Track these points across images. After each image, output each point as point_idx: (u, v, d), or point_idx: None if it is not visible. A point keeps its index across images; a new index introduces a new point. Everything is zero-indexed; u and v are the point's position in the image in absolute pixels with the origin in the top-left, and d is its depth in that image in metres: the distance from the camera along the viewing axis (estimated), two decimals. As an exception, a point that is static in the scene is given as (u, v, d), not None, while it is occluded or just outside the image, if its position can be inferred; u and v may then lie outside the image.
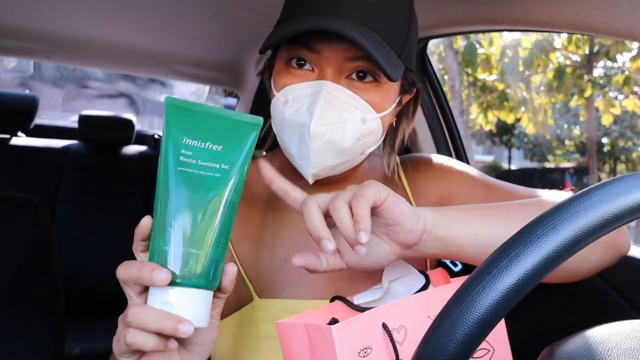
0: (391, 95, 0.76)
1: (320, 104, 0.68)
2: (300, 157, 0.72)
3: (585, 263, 0.76)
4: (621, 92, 6.95)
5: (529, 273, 0.38)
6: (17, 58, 3.73)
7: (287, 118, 0.72)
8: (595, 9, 0.88)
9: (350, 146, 0.71)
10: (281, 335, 0.66)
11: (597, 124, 9.84)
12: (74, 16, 1.85)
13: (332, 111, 0.69)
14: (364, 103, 0.72)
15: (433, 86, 1.67)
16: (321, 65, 0.72)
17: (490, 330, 0.38)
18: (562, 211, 0.40)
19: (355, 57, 0.70)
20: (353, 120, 0.70)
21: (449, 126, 1.69)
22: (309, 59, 0.72)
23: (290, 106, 0.72)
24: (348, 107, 0.70)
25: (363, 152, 0.75)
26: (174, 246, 0.53)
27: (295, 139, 0.71)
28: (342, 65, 0.71)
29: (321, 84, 0.70)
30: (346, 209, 0.59)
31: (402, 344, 0.61)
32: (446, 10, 1.26)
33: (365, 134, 0.72)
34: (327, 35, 0.69)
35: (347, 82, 0.72)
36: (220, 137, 0.56)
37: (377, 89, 0.73)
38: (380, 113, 0.73)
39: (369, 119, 0.72)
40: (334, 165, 0.73)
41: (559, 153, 13.01)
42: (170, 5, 1.68)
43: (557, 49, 6.87)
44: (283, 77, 0.74)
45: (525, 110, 7.83)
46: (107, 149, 2.58)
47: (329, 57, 0.71)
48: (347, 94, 0.71)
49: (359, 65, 0.71)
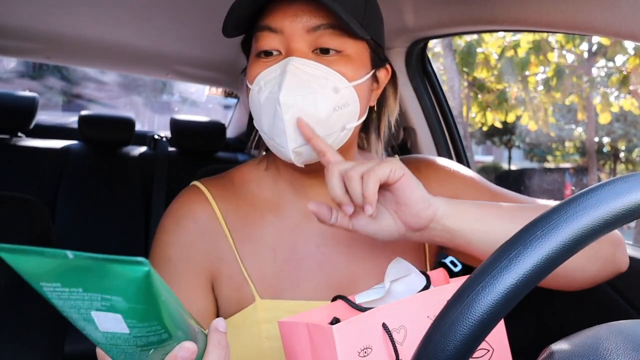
0: (361, 66, 0.75)
1: (287, 77, 0.69)
2: (278, 135, 0.71)
3: (583, 274, 0.77)
4: (619, 91, 6.94)
5: (529, 273, 0.38)
6: (17, 58, 3.73)
7: (262, 102, 0.73)
8: (595, 9, 0.88)
9: (326, 117, 0.71)
10: (283, 334, 0.66)
11: (599, 123, 9.84)
12: (75, 16, 1.85)
13: (302, 83, 0.70)
14: (333, 72, 0.72)
15: (433, 86, 1.67)
16: (286, 43, 0.73)
17: (490, 331, 0.38)
18: (561, 211, 0.40)
19: (316, 26, 0.72)
20: (324, 91, 0.71)
21: (449, 126, 1.69)
22: (275, 43, 0.73)
23: (263, 91, 0.72)
24: (317, 79, 0.71)
25: (344, 126, 0.74)
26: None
27: (272, 117, 0.71)
28: (306, 39, 0.72)
29: (287, 60, 0.71)
30: (358, 180, 0.65)
31: (402, 344, 0.61)
32: (446, 11, 1.26)
33: (340, 104, 0.72)
34: (285, 10, 0.72)
35: (315, 56, 0.73)
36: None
37: (345, 59, 0.73)
38: (352, 82, 0.73)
39: (341, 88, 0.72)
40: None
41: (558, 154, 13.01)
42: (170, 5, 1.68)
43: (555, 48, 6.87)
44: (254, 68, 0.75)
45: (524, 109, 7.82)
46: (107, 149, 2.58)
47: (291, 33, 0.72)
48: (314, 66, 0.71)
49: (321, 34, 0.72)
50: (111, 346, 0.47)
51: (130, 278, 0.42)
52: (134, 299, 0.43)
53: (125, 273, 0.42)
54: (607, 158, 12.36)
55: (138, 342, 0.46)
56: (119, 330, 0.45)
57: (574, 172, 11.66)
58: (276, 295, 0.78)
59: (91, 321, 0.45)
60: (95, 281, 0.42)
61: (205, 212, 0.82)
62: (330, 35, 0.72)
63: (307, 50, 0.73)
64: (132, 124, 2.60)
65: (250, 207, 0.83)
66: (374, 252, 0.82)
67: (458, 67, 7.28)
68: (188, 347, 0.48)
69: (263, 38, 0.74)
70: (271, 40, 0.73)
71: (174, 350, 0.48)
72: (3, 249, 0.42)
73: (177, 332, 0.48)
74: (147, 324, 0.45)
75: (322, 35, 0.72)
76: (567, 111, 11.16)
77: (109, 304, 0.43)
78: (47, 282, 0.43)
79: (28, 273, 0.43)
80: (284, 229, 0.82)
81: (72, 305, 0.44)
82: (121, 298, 0.43)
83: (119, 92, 5.51)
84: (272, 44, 0.73)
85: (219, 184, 0.86)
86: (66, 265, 0.42)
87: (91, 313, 0.44)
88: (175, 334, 0.48)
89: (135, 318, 0.44)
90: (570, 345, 0.42)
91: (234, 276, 0.79)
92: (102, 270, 0.42)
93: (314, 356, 0.61)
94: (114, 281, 0.42)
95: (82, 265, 0.42)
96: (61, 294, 0.44)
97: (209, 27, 1.86)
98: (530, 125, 7.87)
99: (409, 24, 1.40)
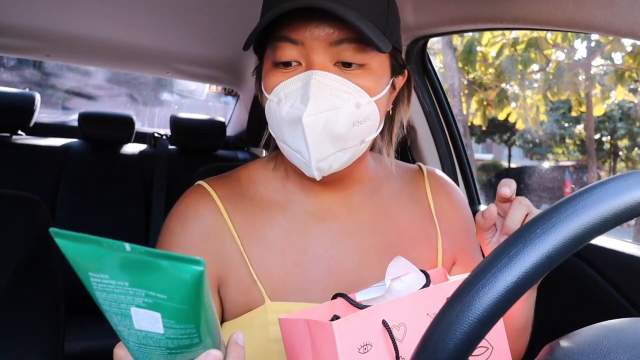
0: (382, 77, 0.74)
1: (312, 92, 0.68)
2: (299, 151, 0.71)
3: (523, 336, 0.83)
4: (614, 87, 6.94)
5: (529, 272, 0.38)
6: (17, 56, 3.72)
7: (284, 116, 0.71)
8: (595, 7, 0.88)
9: (344, 133, 0.70)
10: (284, 330, 0.66)
11: (602, 121, 9.82)
12: (74, 15, 1.85)
13: (325, 98, 0.68)
14: (356, 88, 0.71)
15: (433, 84, 1.67)
16: (307, 56, 0.71)
17: (490, 329, 0.38)
18: (561, 210, 0.40)
19: (339, 40, 0.70)
20: (346, 105, 0.70)
21: (449, 124, 1.69)
22: (294, 54, 0.71)
23: (284, 104, 0.71)
24: (340, 94, 0.69)
25: (363, 139, 0.74)
26: None
27: (293, 133, 0.70)
28: (328, 52, 0.70)
29: (309, 73, 0.69)
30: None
31: (402, 341, 0.61)
32: (446, 9, 1.26)
33: (360, 119, 0.71)
34: (307, 22, 0.69)
35: (337, 70, 0.71)
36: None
37: (367, 72, 0.72)
38: (374, 97, 0.72)
39: (363, 104, 0.71)
40: (334, 153, 0.72)
41: (558, 151, 13.00)
42: (171, 3, 1.68)
43: (553, 46, 6.86)
44: (272, 78, 0.73)
45: (515, 106, 7.81)
46: (107, 147, 2.58)
47: (313, 46, 0.70)
48: (337, 80, 0.70)
49: (344, 49, 0.70)
50: (140, 346, 0.47)
51: (183, 277, 0.42)
52: (179, 298, 0.43)
53: (178, 271, 0.42)
54: (607, 156, 12.35)
55: (169, 344, 0.46)
56: (153, 329, 0.45)
57: (573, 170, 11.65)
58: (285, 297, 0.77)
59: (128, 317, 0.45)
60: (144, 277, 0.42)
61: (212, 213, 0.80)
62: (354, 50, 0.70)
63: (329, 63, 0.71)
64: (132, 122, 2.60)
65: (257, 208, 0.82)
66: (383, 256, 0.81)
67: (457, 65, 7.27)
68: (215, 355, 0.48)
69: (282, 49, 0.71)
70: (290, 52, 0.71)
71: (201, 357, 0.48)
72: (59, 234, 0.43)
73: (206, 339, 0.48)
74: (183, 326, 0.45)
75: (345, 49, 0.70)
76: (567, 109, 11.16)
77: (152, 302, 0.43)
78: (95, 272, 0.43)
79: (79, 261, 0.43)
80: (293, 230, 0.81)
81: (113, 299, 0.44)
82: (166, 296, 0.43)
83: (119, 90, 5.51)
84: (292, 55, 0.71)
85: (225, 184, 0.84)
86: (120, 258, 0.42)
87: (131, 309, 0.44)
88: (204, 341, 0.47)
89: (175, 319, 0.44)
90: (571, 343, 0.42)
91: (242, 278, 0.78)
92: (155, 266, 0.42)
93: (315, 353, 0.61)
94: (164, 278, 0.42)
95: (136, 259, 0.42)
96: (107, 286, 0.44)
97: (209, 25, 1.86)
98: (518, 124, 7.86)
99: (409, 22, 1.40)
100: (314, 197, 0.82)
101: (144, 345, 0.46)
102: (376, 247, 0.82)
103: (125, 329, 0.46)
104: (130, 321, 0.45)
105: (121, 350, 0.52)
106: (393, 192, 0.88)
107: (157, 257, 0.41)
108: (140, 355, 0.48)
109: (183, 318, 0.44)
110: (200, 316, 0.45)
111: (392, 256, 0.80)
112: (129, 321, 0.45)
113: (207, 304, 0.45)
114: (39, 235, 1.06)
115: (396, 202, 0.87)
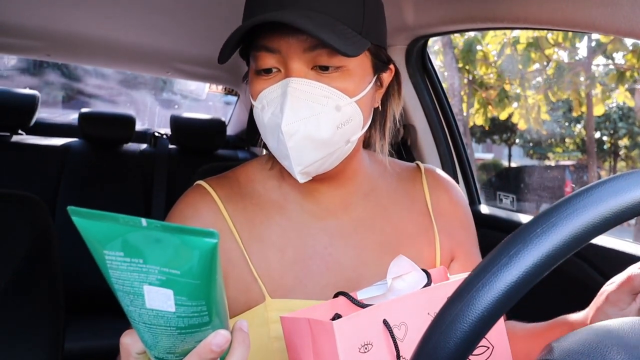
0: (364, 77, 0.75)
1: (288, 101, 0.69)
2: (282, 158, 0.73)
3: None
4: (616, 87, 6.94)
5: (529, 271, 0.38)
6: (18, 56, 3.72)
7: (266, 123, 0.73)
8: (595, 6, 0.88)
9: (329, 137, 0.71)
10: (285, 329, 0.66)
11: (603, 121, 9.80)
12: (75, 14, 1.85)
13: (303, 106, 0.70)
14: (334, 91, 0.71)
15: (433, 84, 1.67)
16: (284, 63, 0.72)
17: (490, 328, 0.38)
18: (561, 209, 0.40)
19: (313, 45, 0.70)
20: (326, 110, 0.70)
21: (449, 124, 1.69)
22: (273, 62, 0.73)
23: (266, 111, 0.73)
24: (318, 98, 0.70)
25: (348, 139, 0.74)
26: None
27: (275, 140, 0.72)
28: (303, 57, 0.71)
29: (287, 81, 0.71)
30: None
31: (403, 341, 0.61)
32: (446, 8, 1.26)
33: (342, 121, 0.72)
34: (281, 31, 0.70)
35: (314, 74, 0.72)
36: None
37: (345, 74, 0.72)
38: (354, 97, 0.73)
39: (342, 106, 0.72)
40: (318, 160, 0.73)
41: (559, 151, 12.99)
42: (171, 3, 1.68)
43: (553, 45, 6.86)
44: (256, 85, 0.74)
45: (517, 106, 7.81)
46: (107, 146, 2.58)
47: (288, 53, 0.71)
48: (314, 86, 0.71)
49: (319, 53, 0.71)
50: (149, 327, 0.47)
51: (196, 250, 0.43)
52: (192, 273, 0.44)
53: (192, 244, 0.43)
54: (607, 155, 12.35)
55: (179, 324, 0.47)
56: (165, 308, 0.45)
57: (574, 169, 11.65)
58: (285, 294, 0.78)
59: (140, 296, 0.45)
60: (159, 252, 0.43)
61: (212, 212, 0.81)
62: (327, 54, 0.71)
63: (306, 68, 0.72)
64: (132, 121, 2.60)
65: (256, 207, 0.83)
66: (381, 253, 0.82)
67: (457, 65, 7.27)
68: (223, 335, 0.48)
69: (261, 58, 0.73)
70: (269, 60, 0.73)
71: (209, 337, 0.48)
72: (76, 212, 0.44)
73: (215, 319, 0.48)
74: (195, 303, 0.45)
75: (319, 54, 0.71)
76: (567, 109, 11.16)
77: (165, 278, 0.44)
78: (110, 250, 0.44)
79: (95, 239, 0.45)
80: (291, 229, 0.82)
81: (127, 277, 0.45)
82: (180, 272, 0.44)
83: (120, 90, 5.51)
84: (271, 63, 0.73)
85: (225, 184, 0.85)
86: (136, 233, 0.43)
87: (143, 287, 0.45)
88: (213, 320, 0.48)
89: (186, 295, 0.45)
90: (571, 342, 0.42)
91: (243, 276, 0.79)
92: (170, 240, 0.43)
93: (315, 351, 0.61)
94: (178, 253, 0.43)
95: (151, 235, 0.43)
96: (121, 264, 0.44)
97: (209, 24, 1.86)
98: (520, 124, 7.86)
99: (409, 22, 1.40)
100: (310, 197, 0.83)
101: (154, 325, 0.47)
102: (374, 244, 0.83)
103: (136, 309, 0.46)
104: (142, 300, 0.45)
105: (128, 338, 0.52)
106: (389, 189, 0.89)
107: (172, 230, 0.42)
108: (149, 339, 0.48)
109: (195, 294, 0.45)
110: (211, 292, 0.45)
111: (390, 253, 0.81)
112: (141, 300, 0.45)
113: (218, 281, 0.46)
114: (39, 235, 1.06)
115: (393, 200, 0.88)
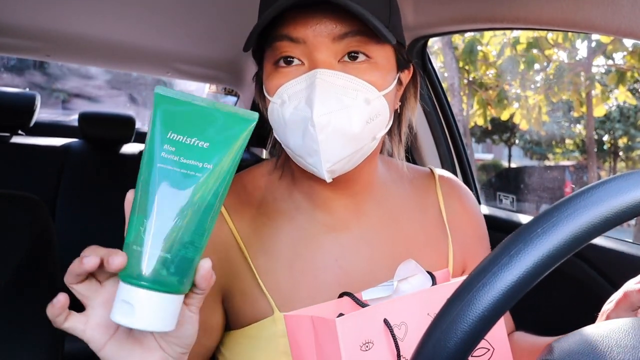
0: (389, 71, 0.72)
1: (317, 92, 0.65)
2: (310, 154, 0.67)
3: None
4: (616, 87, 6.95)
5: (529, 271, 0.38)
6: (18, 56, 3.72)
7: (288, 118, 0.68)
8: (595, 7, 0.88)
9: (359, 131, 0.67)
10: (288, 327, 0.66)
11: (602, 121, 9.79)
12: (75, 14, 1.85)
13: (332, 98, 0.65)
14: (364, 83, 0.68)
15: (433, 84, 1.67)
16: (309, 54, 0.68)
17: (490, 328, 0.38)
18: (562, 209, 0.40)
19: (342, 34, 0.67)
20: (356, 103, 0.67)
21: (449, 124, 1.69)
22: (296, 53, 0.68)
23: (288, 105, 0.68)
24: (348, 91, 0.67)
25: (374, 136, 0.71)
26: (145, 248, 0.51)
27: (300, 136, 0.67)
28: (332, 48, 0.67)
29: (314, 73, 0.66)
30: None
31: (403, 340, 0.61)
32: (446, 9, 1.26)
33: (372, 115, 0.68)
34: (307, 19, 0.66)
35: (342, 66, 0.68)
36: (208, 132, 0.52)
37: (373, 66, 0.69)
38: (382, 91, 0.69)
39: (372, 99, 0.68)
40: (346, 156, 0.68)
41: (558, 151, 13.00)
42: (171, 3, 1.68)
43: (553, 46, 6.86)
44: (274, 79, 0.70)
45: (519, 106, 7.82)
46: (107, 147, 2.58)
47: (315, 43, 0.67)
48: (344, 78, 0.67)
49: (349, 43, 0.67)
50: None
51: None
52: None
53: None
54: (607, 156, 12.35)
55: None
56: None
57: (574, 170, 11.65)
58: (293, 308, 0.75)
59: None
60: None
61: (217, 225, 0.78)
62: (358, 43, 0.67)
63: (334, 60, 0.68)
64: (132, 122, 2.60)
65: (264, 217, 0.79)
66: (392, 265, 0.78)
67: (457, 65, 7.27)
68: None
69: (283, 47, 0.68)
70: (292, 50, 0.68)
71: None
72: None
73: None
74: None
75: (349, 43, 0.67)
76: (567, 109, 11.17)
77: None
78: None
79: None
80: (301, 240, 0.78)
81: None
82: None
83: (119, 90, 5.51)
84: (294, 53, 0.68)
85: (230, 192, 0.79)
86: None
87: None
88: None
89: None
90: (571, 342, 0.42)
91: (250, 289, 0.76)
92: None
93: (318, 349, 0.61)
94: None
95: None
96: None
97: (209, 25, 1.86)
98: (522, 125, 7.87)
99: (409, 22, 1.40)
100: (322, 206, 0.80)
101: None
102: (385, 256, 0.80)
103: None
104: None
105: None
106: (403, 198, 0.86)
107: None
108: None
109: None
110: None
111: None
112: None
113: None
114: (39, 235, 1.06)
115: (406, 209, 0.85)
